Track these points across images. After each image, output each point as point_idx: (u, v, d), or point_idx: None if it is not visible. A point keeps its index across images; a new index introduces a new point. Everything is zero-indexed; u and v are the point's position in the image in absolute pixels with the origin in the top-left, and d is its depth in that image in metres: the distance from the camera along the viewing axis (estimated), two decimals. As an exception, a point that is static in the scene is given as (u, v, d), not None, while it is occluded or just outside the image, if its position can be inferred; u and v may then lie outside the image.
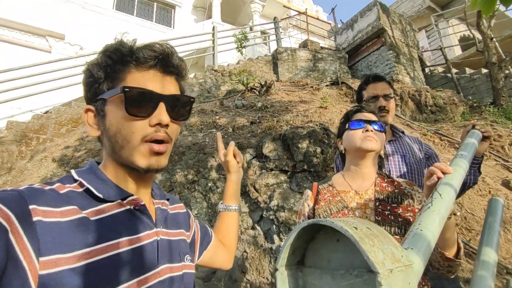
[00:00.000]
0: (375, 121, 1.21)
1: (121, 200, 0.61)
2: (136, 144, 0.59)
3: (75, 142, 4.89)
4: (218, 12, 12.01)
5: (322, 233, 0.45)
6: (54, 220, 0.49)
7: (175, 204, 0.84)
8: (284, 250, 0.44)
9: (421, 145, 1.60)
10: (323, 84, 7.33)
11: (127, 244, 0.57)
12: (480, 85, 7.36)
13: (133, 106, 0.58)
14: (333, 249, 0.42)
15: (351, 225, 0.37)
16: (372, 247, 0.35)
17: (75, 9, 9.89)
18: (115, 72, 0.61)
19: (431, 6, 12.40)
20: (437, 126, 5.42)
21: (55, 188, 0.55)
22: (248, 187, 3.41)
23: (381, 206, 1.10)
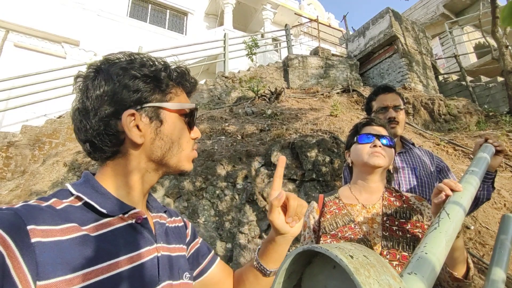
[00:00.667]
0: (385, 136, 1.17)
1: (123, 214, 0.59)
2: (188, 152, 0.69)
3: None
4: (230, 19, 12.15)
5: (319, 257, 0.42)
6: (54, 239, 0.47)
7: (173, 217, 0.81)
8: (280, 274, 0.41)
9: (432, 158, 1.55)
10: (334, 91, 7.28)
11: (129, 262, 0.55)
12: (496, 93, 7.18)
13: (192, 121, 0.70)
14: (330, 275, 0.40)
15: (347, 253, 0.35)
16: (368, 278, 0.32)
17: (90, 16, 10.16)
18: (168, 87, 0.67)
19: (445, 13, 12.23)
20: (451, 136, 5.30)
21: (52, 204, 0.53)
22: (256, 195, 3.38)
23: (388, 221, 1.06)
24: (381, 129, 1.21)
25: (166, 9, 12.44)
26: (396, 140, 1.55)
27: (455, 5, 12.25)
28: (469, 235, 2.82)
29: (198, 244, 0.85)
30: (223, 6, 12.34)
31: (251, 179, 3.59)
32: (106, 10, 10.53)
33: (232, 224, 3.29)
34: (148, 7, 12.03)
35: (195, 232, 0.88)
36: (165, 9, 12.43)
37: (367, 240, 1.04)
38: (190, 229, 0.86)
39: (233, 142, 4.22)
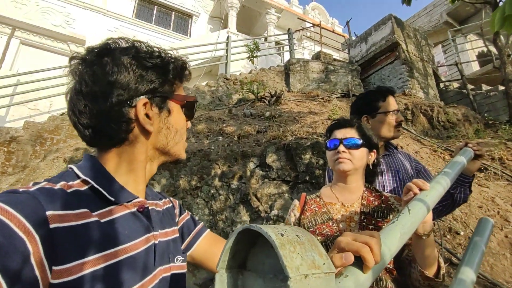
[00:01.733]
0: (350, 138, 1.18)
1: (126, 202, 0.61)
2: (185, 141, 0.73)
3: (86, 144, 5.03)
4: (234, 22, 12.24)
5: (261, 238, 0.46)
6: (69, 224, 0.48)
7: (163, 199, 0.81)
8: (224, 253, 0.45)
9: (411, 161, 1.59)
10: (334, 96, 7.31)
11: (134, 248, 0.57)
12: (496, 102, 7.18)
13: (190, 113, 0.75)
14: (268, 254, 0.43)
15: (278, 231, 0.38)
16: (291, 253, 0.35)
17: (96, 16, 10.30)
18: (174, 79, 0.70)
19: (449, 21, 12.26)
20: (449, 143, 5.30)
21: (63, 187, 0.53)
22: (250, 196, 3.41)
23: (366, 220, 1.09)
24: (348, 131, 1.22)
25: (171, 11, 12.57)
26: (381, 144, 1.57)
27: (459, 13, 12.28)
28: (459, 241, 2.83)
29: (184, 220, 0.85)
30: (228, 9, 12.44)
31: (246, 179, 3.62)
32: (112, 10, 10.67)
33: (225, 224, 3.32)
34: (154, 8, 12.17)
35: (182, 209, 0.88)
36: (171, 11, 12.56)
37: None
38: (178, 207, 0.86)
39: (230, 142, 4.26)
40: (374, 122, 1.60)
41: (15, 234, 0.41)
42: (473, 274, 0.87)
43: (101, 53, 0.62)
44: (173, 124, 0.69)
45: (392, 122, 1.57)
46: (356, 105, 1.76)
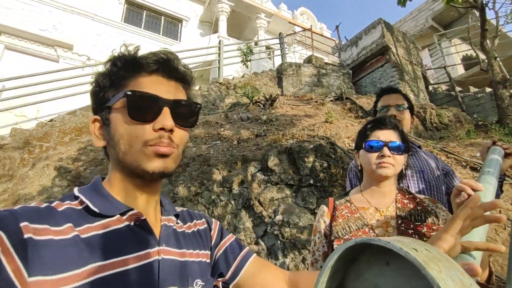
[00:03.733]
0: (395, 142, 1.12)
1: (120, 215, 0.57)
2: (139, 147, 0.57)
3: (77, 151, 4.86)
4: (224, 26, 12.21)
5: (366, 254, 0.39)
6: (45, 238, 0.46)
7: (195, 221, 0.77)
8: (324, 273, 0.38)
9: (438, 161, 1.56)
10: (328, 99, 7.34)
11: (121, 265, 0.52)
12: (485, 103, 7.37)
13: (136, 110, 0.58)
14: (380, 273, 0.37)
15: (409, 245, 0.33)
16: (440, 273, 0.30)
17: (84, 20, 10.07)
18: (119, 79, 0.61)
19: (434, 25, 12.57)
20: (442, 144, 5.38)
21: (53, 206, 0.53)
22: (252, 200, 3.34)
23: (403, 224, 1.04)
24: (391, 133, 1.15)
25: (161, 16, 12.44)
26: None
27: (443, 18, 12.62)
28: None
29: (227, 244, 0.78)
30: (218, 14, 12.40)
31: (247, 184, 3.55)
32: (100, 14, 10.46)
33: (227, 230, 3.23)
34: (143, 13, 12.01)
35: (222, 231, 0.81)
36: (160, 15, 12.43)
37: None
38: (217, 230, 0.80)
39: (229, 147, 4.19)
40: None
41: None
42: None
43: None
44: (113, 133, 0.59)
45: None
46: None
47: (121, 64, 0.61)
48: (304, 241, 2.79)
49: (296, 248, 2.83)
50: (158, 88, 0.61)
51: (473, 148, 4.99)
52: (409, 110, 1.58)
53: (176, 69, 0.65)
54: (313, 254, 1.20)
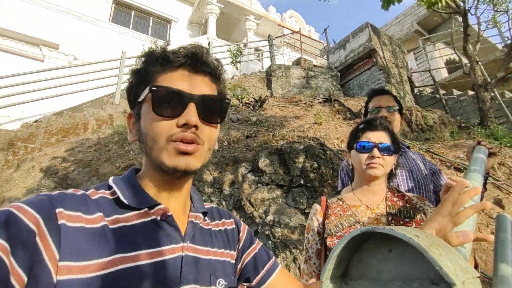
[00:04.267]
0: (385, 143, 1.15)
1: (148, 208, 0.58)
2: (162, 144, 0.57)
3: (64, 153, 4.77)
4: (213, 28, 12.21)
5: (369, 243, 0.42)
6: (77, 225, 0.48)
7: (224, 219, 0.77)
8: (330, 261, 0.41)
9: (425, 161, 1.61)
10: (316, 100, 7.44)
11: (145, 258, 0.52)
12: (467, 106, 7.60)
13: (160, 105, 0.57)
14: (383, 259, 0.40)
15: (411, 233, 0.36)
16: (441, 257, 0.33)
17: (71, 20, 9.89)
18: (148, 74, 0.61)
19: (419, 30, 12.90)
20: (428, 145, 5.53)
21: (88, 194, 0.55)
22: (243, 201, 3.36)
23: (393, 221, 1.09)
24: (381, 134, 1.18)
25: (149, 16, 12.34)
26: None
27: (428, 23, 12.97)
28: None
29: (256, 250, 0.79)
30: (207, 15, 12.39)
31: (238, 185, 3.57)
32: (87, 14, 10.30)
33: (219, 231, 3.24)
34: (131, 13, 11.89)
35: (252, 236, 0.81)
36: (149, 16, 12.33)
37: None
38: (246, 234, 0.80)
39: (220, 148, 4.19)
40: None
41: (26, 224, 0.43)
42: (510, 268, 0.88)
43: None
44: (142, 128, 0.61)
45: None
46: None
47: (150, 59, 0.61)
48: (295, 241, 2.82)
49: (287, 248, 2.86)
50: (184, 83, 0.60)
51: (456, 149, 5.15)
52: (398, 111, 1.63)
53: (204, 63, 0.63)
54: (307, 251, 1.23)
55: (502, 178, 4.16)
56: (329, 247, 1.12)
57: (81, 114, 5.92)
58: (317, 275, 1.18)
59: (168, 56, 0.60)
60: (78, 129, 5.57)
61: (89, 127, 5.69)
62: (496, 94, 6.92)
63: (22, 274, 0.40)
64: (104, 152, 4.62)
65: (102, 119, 5.94)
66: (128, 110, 0.71)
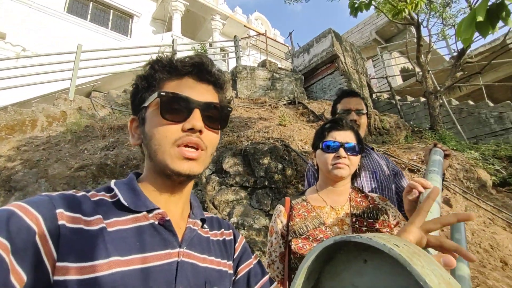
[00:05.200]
0: (350, 143, 1.15)
1: (147, 212, 0.59)
2: (168, 147, 0.59)
3: (9, 151, 4.33)
4: (178, 25, 11.89)
5: (342, 252, 0.39)
6: (76, 226, 0.49)
7: (223, 230, 0.77)
8: (300, 275, 0.37)
9: (388, 162, 1.66)
10: (281, 102, 7.52)
11: (141, 262, 0.52)
12: (419, 111, 8.15)
13: (167, 110, 0.60)
14: (358, 271, 0.37)
15: (390, 242, 0.33)
16: (424, 269, 0.30)
17: (20, 8, 9.07)
18: (155, 81, 0.64)
19: (377, 38, 13.64)
20: (384, 148, 5.82)
21: (89, 196, 0.56)
22: (206, 203, 3.27)
23: (358, 222, 1.09)
24: (347, 134, 1.18)
25: (109, 9, 11.70)
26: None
27: (385, 32, 13.76)
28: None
29: (252, 265, 0.78)
30: (172, 12, 12.04)
31: (202, 186, 3.47)
32: (39, 2, 9.50)
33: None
34: (89, 4, 11.18)
35: (247, 249, 0.81)
36: (109, 8, 11.68)
37: None
38: (241, 245, 0.80)
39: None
40: None
41: (26, 223, 0.44)
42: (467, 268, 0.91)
43: None
44: (147, 131, 0.62)
45: None
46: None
47: (158, 67, 0.64)
48: (260, 243, 2.80)
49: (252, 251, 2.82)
50: (190, 90, 0.63)
51: (410, 151, 5.48)
52: (366, 114, 1.66)
53: (209, 72, 0.67)
54: (270, 255, 1.19)
55: (449, 179, 4.49)
56: (293, 251, 1.09)
57: (29, 110, 5.41)
58: (280, 280, 1.15)
59: (176, 65, 0.64)
60: (25, 126, 5.09)
61: (38, 124, 5.23)
62: (444, 101, 7.49)
63: (22, 273, 0.41)
64: (55, 152, 4.26)
65: (53, 116, 5.48)
66: (83, 106, 0.68)
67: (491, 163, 5.19)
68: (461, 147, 5.89)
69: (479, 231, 3.19)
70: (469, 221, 0.61)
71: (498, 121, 6.61)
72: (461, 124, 7.20)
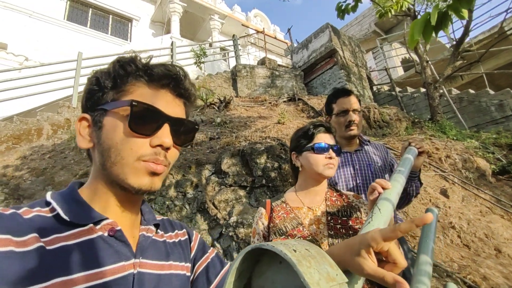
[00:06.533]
0: (336, 145, 1.26)
1: (94, 224, 0.53)
2: (131, 161, 0.54)
3: (16, 161, 4.49)
4: (177, 27, 11.98)
5: (266, 255, 0.48)
6: (5, 249, 0.43)
7: (177, 231, 0.73)
8: (230, 275, 0.44)
9: (387, 153, 1.70)
10: (281, 100, 7.58)
11: (91, 279, 0.48)
12: (419, 102, 8.13)
13: (137, 122, 0.55)
14: (277, 270, 0.45)
15: (291, 247, 0.41)
16: (309, 268, 0.38)
17: (21, 18, 9.25)
18: (124, 84, 0.58)
19: (376, 30, 13.56)
20: (385, 140, 5.85)
21: (20, 213, 0.49)
22: (207, 203, 3.37)
23: (332, 220, 1.17)
24: (332, 137, 1.29)
25: (108, 14, 11.84)
26: (354, 139, 1.70)
27: (384, 24, 13.65)
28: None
29: (209, 259, 0.74)
30: (170, 14, 12.13)
31: (202, 187, 3.57)
32: (39, 12, 9.67)
33: (183, 235, 3.22)
34: (89, 11, 11.34)
35: (204, 245, 0.76)
36: (108, 14, 11.83)
37: (315, 240, 1.13)
38: (197, 243, 0.75)
39: (183, 150, 4.16)
40: (331, 123, 1.69)
41: None
42: (430, 261, 0.98)
43: None
44: (104, 139, 0.56)
45: (341, 122, 1.66)
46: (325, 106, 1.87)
47: (131, 69, 0.58)
48: (258, 240, 2.89)
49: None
50: (163, 103, 0.58)
51: (410, 143, 5.50)
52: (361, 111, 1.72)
53: (184, 88, 0.62)
54: None
55: (448, 169, 4.52)
56: None
57: (34, 119, 5.58)
58: None
59: (152, 73, 0.59)
60: (31, 135, 5.26)
61: (43, 133, 5.39)
62: (444, 91, 7.47)
63: None
64: (60, 159, 4.40)
65: (58, 124, 5.64)
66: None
67: (491, 151, 5.19)
68: (462, 136, 5.89)
69: (475, 220, 3.24)
70: (426, 223, 0.51)
71: (498, 109, 6.58)
72: (462, 113, 7.17)
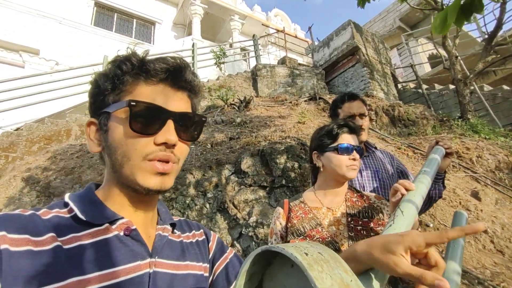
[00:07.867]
0: (359, 147, 1.23)
1: (110, 224, 0.54)
2: (137, 161, 0.53)
3: (46, 161, 4.71)
4: (198, 29, 12.16)
5: (278, 257, 0.45)
6: (23, 249, 0.43)
7: (194, 231, 0.72)
8: (240, 277, 0.43)
9: (393, 160, 1.65)
10: (301, 99, 7.49)
11: (107, 279, 0.48)
12: (448, 100, 7.76)
13: (138, 121, 0.54)
14: (288, 274, 0.42)
15: (302, 250, 0.38)
16: (321, 273, 0.35)
17: (51, 24, 9.73)
18: (122, 83, 0.56)
19: (401, 26, 13.09)
20: (410, 140, 5.63)
21: (39, 214, 0.50)
22: (227, 203, 3.38)
23: (353, 222, 1.12)
24: (355, 138, 1.25)
25: (132, 18, 12.22)
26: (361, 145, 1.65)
27: (410, 19, 13.16)
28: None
29: (228, 259, 0.72)
30: (191, 16, 12.33)
31: (222, 187, 3.59)
32: (68, 18, 10.14)
33: (204, 234, 3.25)
34: (114, 16, 11.75)
35: (222, 245, 0.75)
36: (132, 18, 12.20)
37: (334, 242, 1.08)
38: (215, 243, 0.74)
39: (203, 151, 4.20)
40: None
41: None
42: (459, 267, 0.91)
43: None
44: (111, 141, 0.55)
45: None
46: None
47: (126, 68, 0.56)
48: (277, 241, 2.85)
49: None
50: (164, 99, 0.57)
51: (437, 143, 5.26)
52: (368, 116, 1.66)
53: (185, 80, 0.60)
54: None
55: (480, 170, 4.28)
56: None
57: (64, 121, 5.84)
58: None
59: (148, 68, 0.56)
60: (60, 136, 5.50)
61: (72, 134, 5.62)
62: (475, 87, 7.08)
63: None
64: (87, 159, 4.57)
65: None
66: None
67: (528, 151, 4.85)
68: (495, 135, 5.56)
69: (509, 225, 3.04)
70: (478, 232, 0.46)
71: (536, 105, 6.15)
72: (495, 111, 6.76)
